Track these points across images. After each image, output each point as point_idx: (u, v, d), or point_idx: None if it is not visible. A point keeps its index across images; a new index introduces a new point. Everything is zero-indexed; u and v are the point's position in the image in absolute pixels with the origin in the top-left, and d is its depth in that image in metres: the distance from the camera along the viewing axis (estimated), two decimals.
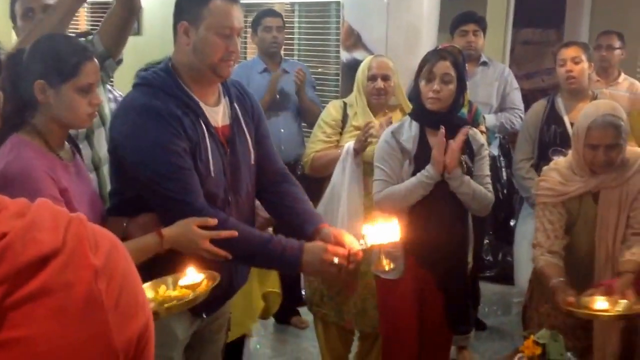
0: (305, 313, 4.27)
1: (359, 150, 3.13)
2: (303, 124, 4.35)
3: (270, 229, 2.56)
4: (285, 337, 4.28)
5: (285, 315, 4.35)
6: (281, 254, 2.07)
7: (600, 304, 2.43)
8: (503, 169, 4.71)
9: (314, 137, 3.41)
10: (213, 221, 2.00)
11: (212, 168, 2.10)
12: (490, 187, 2.91)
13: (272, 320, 4.38)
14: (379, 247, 2.11)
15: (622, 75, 4.50)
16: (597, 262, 2.68)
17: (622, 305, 2.41)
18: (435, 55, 2.81)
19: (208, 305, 2.14)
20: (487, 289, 4.82)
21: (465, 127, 2.75)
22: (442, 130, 2.70)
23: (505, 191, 4.78)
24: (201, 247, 1.98)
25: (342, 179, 3.15)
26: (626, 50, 4.47)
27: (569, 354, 2.12)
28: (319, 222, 2.26)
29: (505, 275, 4.89)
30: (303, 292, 3.97)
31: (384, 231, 2.09)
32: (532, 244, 2.78)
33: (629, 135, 2.68)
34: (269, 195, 2.37)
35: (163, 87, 2.08)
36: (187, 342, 2.30)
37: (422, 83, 2.78)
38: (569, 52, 3.65)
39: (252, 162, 2.27)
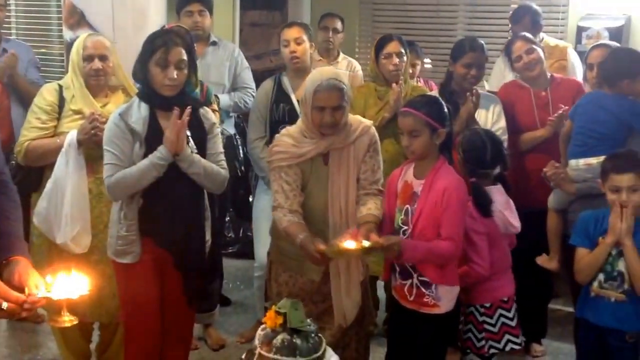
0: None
1: (83, 142, 3.00)
2: None
3: None
4: (20, 334, 3.99)
5: None
6: None
7: (348, 243, 2.58)
8: (240, 147, 4.81)
9: (27, 124, 3.15)
10: None
11: None
12: (224, 164, 2.95)
13: None
14: (63, 301, 1.93)
15: (342, 55, 4.83)
16: (331, 220, 2.84)
17: (367, 244, 2.58)
18: (168, 40, 2.74)
19: None
20: (230, 264, 4.92)
21: (189, 108, 2.73)
22: (176, 111, 2.68)
23: (243, 168, 4.90)
24: None
25: (66, 172, 3.00)
26: (345, 32, 4.81)
27: (309, 320, 2.22)
28: (14, 252, 2.03)
29: (247, 251, 5.03)
30: None
31: (71, 283, 1.94)
32: (272, 206, 2.85)
33: (351, 99, 2.87)
34: None
35: None
36: None
37: (157, 70, 2.73)
38: (291, 33, 3.78)
39: None
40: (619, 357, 2.79)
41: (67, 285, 1.92)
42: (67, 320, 1.96)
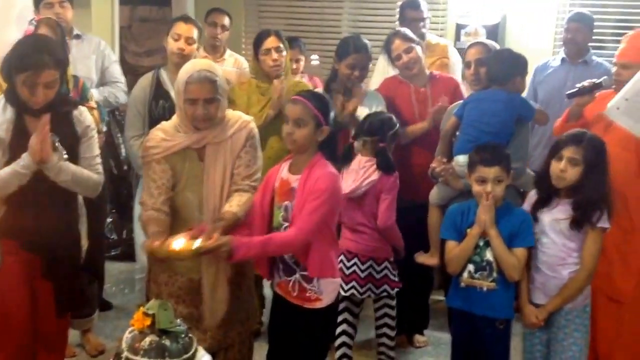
0: None
1: None
2: None
3: None
4: None
5: None
6: None
7: (177, 243, 2.52)
8: (122, 145, 4.65)
9: None
10: None
11: None
12: (99, 168, 2.85)
13: None
14: None
15: (228, 52, 4.75)
16: (205, 216, 2.77)
17: (197, 243, 2.52)
18: (39, 62, 2.58)
19: None
20: (114, 267, 4.77)
21: (46, 116, 2.58)
22: (46, 117, 2.55)
23: (125, 167, 4.75)
24: None
25: None
26: (231, 29, 4.74)
27: (178, 320, 2.15)
28: None
29: (131, 253, 4.88)
30: None
31: None
32: (138, 202, 2.77)
33: (226, 93, 2.81)
34: None
35: None
36: None
37: (24, 88, 2.59)
38: (186, 30, 3.67)
39: None
40: (491, 343, 2.87)
41: None
42: None
